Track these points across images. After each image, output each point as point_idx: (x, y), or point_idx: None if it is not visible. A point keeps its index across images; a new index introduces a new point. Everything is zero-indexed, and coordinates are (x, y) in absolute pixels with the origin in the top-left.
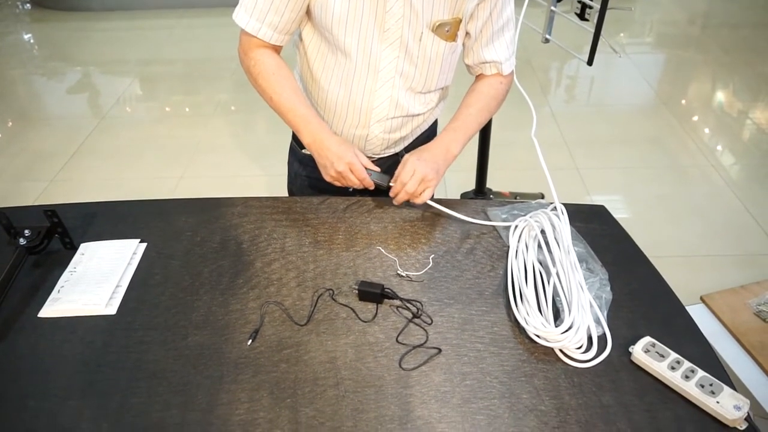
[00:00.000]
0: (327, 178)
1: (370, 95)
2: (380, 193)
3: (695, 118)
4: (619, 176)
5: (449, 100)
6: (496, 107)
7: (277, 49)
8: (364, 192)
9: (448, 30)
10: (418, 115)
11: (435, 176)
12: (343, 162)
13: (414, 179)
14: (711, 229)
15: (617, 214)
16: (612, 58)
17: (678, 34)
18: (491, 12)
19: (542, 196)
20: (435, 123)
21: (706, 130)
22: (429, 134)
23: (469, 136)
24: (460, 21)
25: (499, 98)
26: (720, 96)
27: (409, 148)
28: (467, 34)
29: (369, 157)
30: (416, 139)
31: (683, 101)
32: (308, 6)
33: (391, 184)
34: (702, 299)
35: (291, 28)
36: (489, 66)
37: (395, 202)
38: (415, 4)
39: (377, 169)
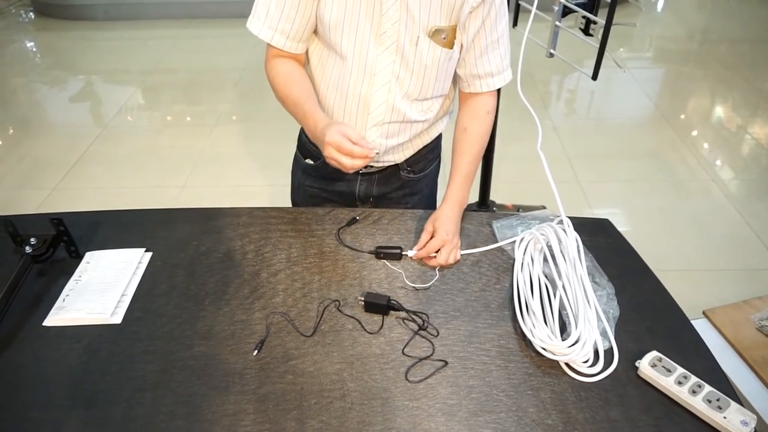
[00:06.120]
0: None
1: (365, 99)
2: (385, 204)
3: (695, 133)
4: (620, 190)
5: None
6: (487, 139)
7: (297, 59)
8: (366, 202)
9: (444, 37)
10: (417, 122)
11: (455, 237)
12: (327, 144)
13: (444, 252)
14: (711, 243)
15: (618, 228)
16: (613, 72)
17: (678, 49)
18: (483, 21)
19: (544, 208)
20: (439, 138)
21: (706, 145)
22: (433, 148)
23: (472, 182)
24: (456, 27)
25: (489, 128)
26: (719, 111)
27: (411, 162)
28: (461, 44)
29: (369, 166)
30: (418, 152)
31: (683, 116)
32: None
33: (409, 253)
34: (704, 314)
35: (303, 35)
36: (480, 81)
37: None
38: (411, 8)
39: (370, 145)
